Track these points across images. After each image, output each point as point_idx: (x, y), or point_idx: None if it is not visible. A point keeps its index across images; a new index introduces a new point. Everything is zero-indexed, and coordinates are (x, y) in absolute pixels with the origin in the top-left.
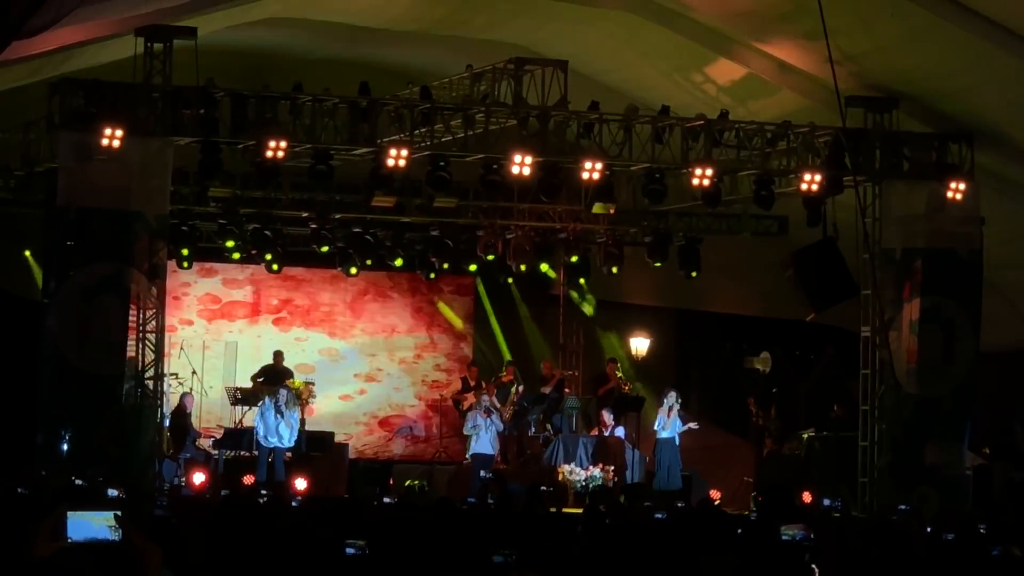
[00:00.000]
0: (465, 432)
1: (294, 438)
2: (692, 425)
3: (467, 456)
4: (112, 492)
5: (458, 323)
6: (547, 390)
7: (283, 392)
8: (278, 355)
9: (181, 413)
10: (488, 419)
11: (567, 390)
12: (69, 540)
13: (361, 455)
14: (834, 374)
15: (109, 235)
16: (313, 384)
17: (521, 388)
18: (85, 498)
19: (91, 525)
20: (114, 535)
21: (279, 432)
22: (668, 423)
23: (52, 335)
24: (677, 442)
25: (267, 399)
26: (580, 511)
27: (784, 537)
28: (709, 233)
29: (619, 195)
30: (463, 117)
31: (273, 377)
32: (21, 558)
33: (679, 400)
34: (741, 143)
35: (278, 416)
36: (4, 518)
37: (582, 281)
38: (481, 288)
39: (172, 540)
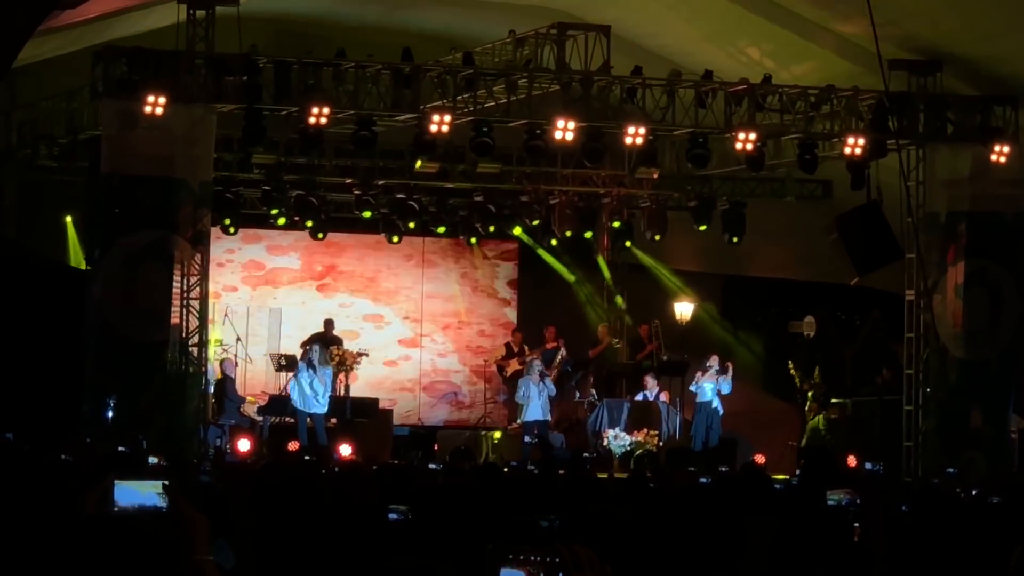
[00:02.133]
0: (517, 400)
1: (328, 394)
2: (723, 387)
3: (519, 422)
4: (152, 460)
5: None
6: (593, 354)
7: (315, 349)
8: (329, 323)
9: (222, 379)
10: (541, 384)
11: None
12: (117, 507)
13: (405, 421)
14: (880, 338)
15: (153, 202)
16: (366, 354)
17: (564, 353)
18: (132, 466)
19: (138, 493)
20: (162, 502)
21: (315, 393)
22: (702, 380)
23: (97, 303)
24: (715, 404)
25: (301, 364)
26: (623, 476)
27: (830, 502)
28: (753, 197)
29: (662, 160)
30: (506, 83)
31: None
32: (71, 519)
33: (721, 365)
34: (784, 107)
35: (311, 373)
36: (50, 485)
37: (628, 244)
38: (526, 253)
39: (218, 506)
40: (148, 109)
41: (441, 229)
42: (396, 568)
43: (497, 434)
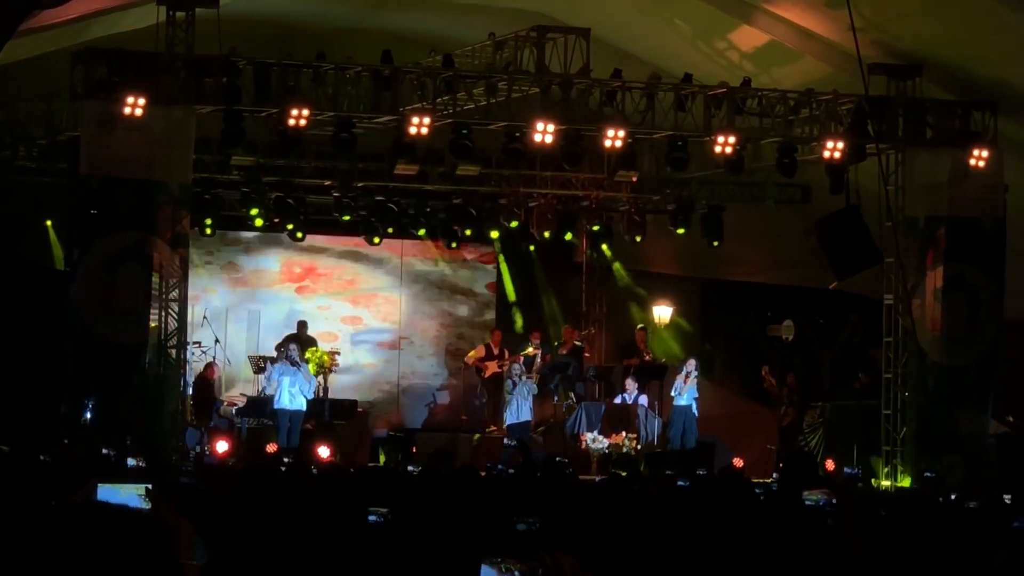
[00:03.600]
0: (508, 404)
1: (313, 387)
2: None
3: (505, 426)
4: (131, 462)
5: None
6: (563, 351)
7: (292, 347)
8: (302, 325)
9: (206, 382)
10: (523, 386)
11: (587, 355)
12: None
13: (384, 423)
14: (858, 342)
15: (132, 204)
16: (338, 353)
17: (548, 356)
18: (113, 469)
19: (119, 494)
20: (144, 505)
21: (300, 390)
22: (684, 389)
23: (75, 304)
24: (694, 409)
25: (274, 366)
26: (596, 478)
27: (807, 503)
28: (732, 201)
29: (641, 163)
30: (485, 85)
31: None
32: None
33: (698, 369)
34: (764, 111)
35: (294, 370)
36: (29, 487)
37: (604, 247)
38: (502, 256)
39: (200, 507)
40: (127, 111)
41: (420, 232)
42: (366, 569)
43: (476, 436)
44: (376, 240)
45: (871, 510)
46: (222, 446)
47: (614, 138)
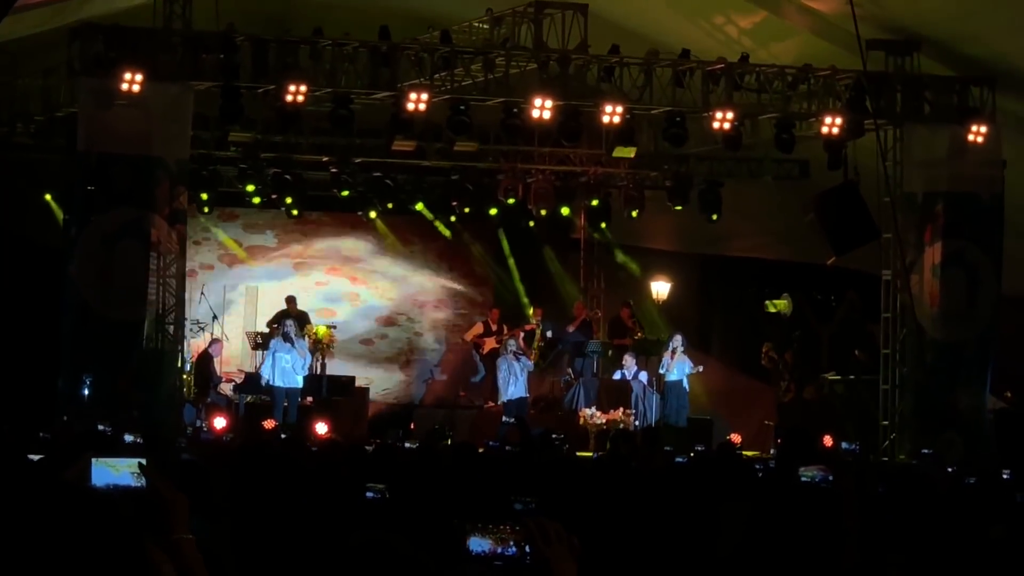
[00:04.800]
0: (499, 381)
1: (307, 364)
2: (698, 368)
3: (501, 402)
4: (128, 437)
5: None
6: (571, 328)
7: (289, 323)
8: (290, 300)
9: (207, 359)
10: (518, 363)
11: (596, 333)
12: (93, 487)
13: (382, 399)
14: (856, 318)
15: (129, 181)
16: (335, 327)
17: (550, 333)
18: (108, 444)
19: (112, 473)
20: (136, 482)
21: (293, 367)
22: (672, 365)
23: (73, 281)
24: (685, 384)
25: (276, 340)
26: (593, 454)
27: (803, 479)
28: (730, 177)
29: (640, 139)
30: (483, 61)
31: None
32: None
33: (684, 343)
34: (762, 86)
35: (288, 347)
36: (26, 463)
37: (603, 225)
38: (502, 232)
39: (199, 483)
40: (125, 87)
41: (418, 207)
42: (359, 541)
43: (473, 413)
44: (373, 216)
45: (868, 486)
46: (220, 422)
47: (612, 114)
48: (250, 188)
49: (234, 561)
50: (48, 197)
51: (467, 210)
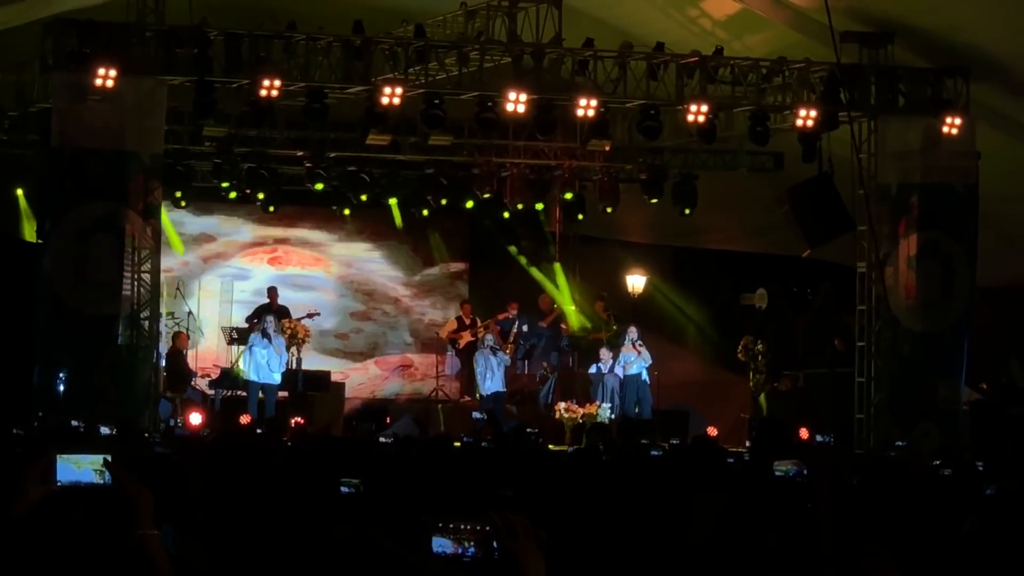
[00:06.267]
0: (477, 375)
1: (284, 362)
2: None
3: (478, 396)
4: (104, 430)
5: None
6: (544, 324)
7: (269, 320)
8: (272, 291)
9: (178, 353)
10: (495, 357)
11: (563, 327)
12: (58, 483)
13: (358, 394)
14: (832, 310)
15: (103, 175)
16: (319, 314)
17: (526, 327)
18: (77, 439)
19: (74, 469)
20: (99, 479)
21: (269, 364)
22: (635, 360)
23: (47, 276)
24: (644, 377)
25: (254, 336)
26: (568, 448)
27: (777, 473)
28: (704, 169)
29: (614, 132)
30: (457, 55)
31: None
32: (9, 506)
33: (639, 336)
34: (736, 79)
35: (265, 342)
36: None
37: (580, 217)
38: (475, 225)
39: (173, 477)
40: (99, 81)
41: (393, 201)
42: (336, 538)
43: (449, 407)
44: (348, 211)
45: (843, 478)
46: (195, 418)
47: (586, 107)
48: (224, 184)
49: (207, 559)
50: (19, 192)
51: (443, 202)
